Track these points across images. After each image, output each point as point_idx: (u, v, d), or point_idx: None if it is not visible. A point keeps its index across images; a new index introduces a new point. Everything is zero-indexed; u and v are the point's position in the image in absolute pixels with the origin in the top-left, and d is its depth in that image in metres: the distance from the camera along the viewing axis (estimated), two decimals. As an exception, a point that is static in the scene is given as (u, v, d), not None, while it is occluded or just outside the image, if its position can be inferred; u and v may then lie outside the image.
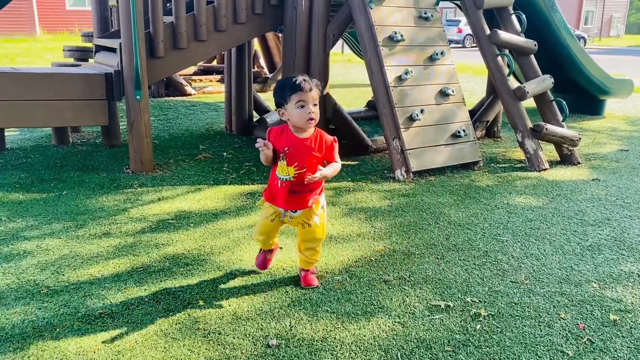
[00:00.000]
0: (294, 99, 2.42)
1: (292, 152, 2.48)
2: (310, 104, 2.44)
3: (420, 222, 3.68)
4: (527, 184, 4.63)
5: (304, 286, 2.74)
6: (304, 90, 2.41)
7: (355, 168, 5.00)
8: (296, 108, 2.42)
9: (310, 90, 2.44)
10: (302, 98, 2.42)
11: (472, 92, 9.40)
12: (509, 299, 2.66)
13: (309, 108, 2.43)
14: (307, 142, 2.52)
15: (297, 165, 2.50)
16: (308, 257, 2.76)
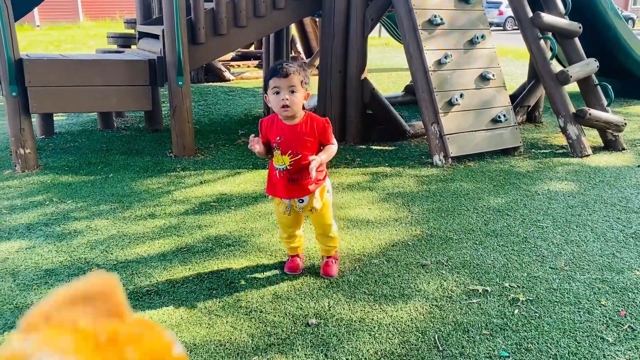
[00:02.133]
0: (270, 85, 2.38)
1: (284, 141, 2.44)
2: (286, 90, 2.36)
3: (459, 207, 3.67)
4: (569, 169, 4.55)
5: (323, 275, 2.72)
6: (279, 75, 2.34)
7: (393, 153, 5.00)
8: (272, 94, 2.38)
9: (286, 75, 2.34)
10: (276, 84, 2.36)
11: (513, 76, 9.21)
12: (548, 284, 2.65)
13: (282, 94, 2.35)
14: (298, 128, 2.45)
15: (292, 153, 2.45)
16: (324, 243, 2.74)
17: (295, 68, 2.39)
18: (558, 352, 2.13)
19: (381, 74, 10.31)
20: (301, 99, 2.42)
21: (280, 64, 2.39)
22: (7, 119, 4.32)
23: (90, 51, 12.55)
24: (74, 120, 6.29)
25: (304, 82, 2.44)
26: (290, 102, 2.37)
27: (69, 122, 6.22)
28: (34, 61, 4.27)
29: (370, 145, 5.23)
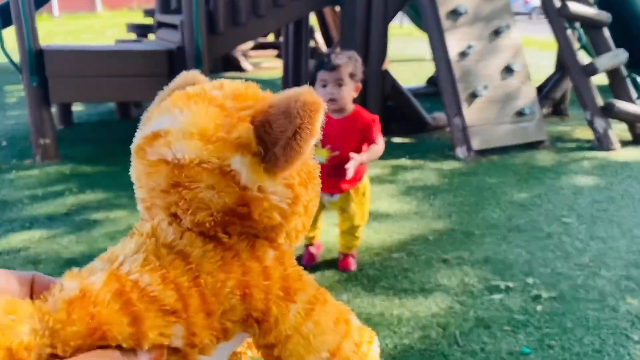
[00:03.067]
0: (318, 78, 2.32)
1: (325, 134, 2.39)
2: (333, 83, 2.28)
3: (481, 201, 3.60)
4: (595, 164, 4.43)
5: (341, 269, 2.66)
6: (326, 68, 2.28)
7: (414, 146, 4.93)
8: (319, 87, 2.31)
9: (333, 69, 2.27)
10: (323, 77, 2.30)
11: (538, 68, 9.02)
12: (572, 281, 2.58)
13: (329, 88, 2.28)
14: (342, 123, 2.37)
15: (330, 148, 2.37)
16: (347, 242, 2.67)
17: (344, 60, 2.30)
18: (581, 350, 2.07)
19: (403, 65, 10.20)
20: (350, 92, 2.34)
21: (328, 55, 2.31)
22: (27, 109, 4.36)
23: (108, 41, 12.64)
24: (93, 111, 6.33)
25: (355, 74, 2.35)
26: (337, 95, 2.29)
27: (88, 112, 6.27)
28: (54, 52, 4.29)
29: (390, 137, 5.16)
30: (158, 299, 0.40)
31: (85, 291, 0.39)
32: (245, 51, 10.42)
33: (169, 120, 0.45)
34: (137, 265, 0.42)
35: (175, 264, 0.43)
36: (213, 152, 0.43)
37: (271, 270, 0.46)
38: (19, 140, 5.02)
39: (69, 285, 0.40)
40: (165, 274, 0.41)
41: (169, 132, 0.44)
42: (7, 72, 8.40)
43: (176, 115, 0.45)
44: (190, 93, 0.46)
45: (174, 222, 0.46)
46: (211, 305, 0.43)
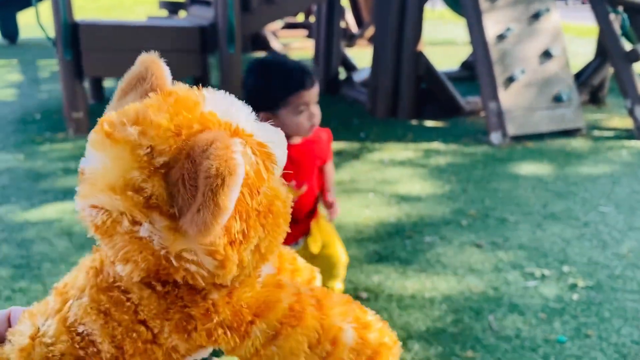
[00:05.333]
0: (292, 103, 1.67)
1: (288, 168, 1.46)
2: (313, 103, 1.72)
3: (516, 188, 3.52)
4: (634, 153, 4.30)
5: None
6: (306, 87, 1.67)
7: (447, 130, 4.85)
8: (294, 115, 1.68)
9: (313, 85, 1.70)
10: (303, 100, 1.67)
11: (575, 54, 8.78)
12: (610, 271, 2.51)
13: (311, 109, 1.70)
14: (303, 147, 1.79)
15: (297, 185, 1.78)
16: (334, 284, 2.09)
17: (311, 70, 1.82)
18: (619, 340, 2.02)
19: (435, 48, 10.03)
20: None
21: (298, 69, 1.70)
22: (61, 83, 4.40)
23: (137, 18, 12.69)
24: (126, 87, 6.36)
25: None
26: (319, 118, 1.75)
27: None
28: (88, 26, 4.31)
29: (423, 120, 5.09)
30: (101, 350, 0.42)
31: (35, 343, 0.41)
32: (275, 30, 10.36)
33: (91, 160, 0.43)
34: (82, 314, 0.43)
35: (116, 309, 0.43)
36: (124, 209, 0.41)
37: (219, 307, 0.45)
38: (52, 113, 5.09)
39: (22, 330, 0.42)
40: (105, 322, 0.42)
41: (86, 179, 0.42)
42: (40, 47, 8.52)
43: (96, 157, 0.42)
44: (108, 130, 0.42)
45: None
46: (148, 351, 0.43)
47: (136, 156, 0.41)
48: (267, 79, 1.69)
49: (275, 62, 1.72)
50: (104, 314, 0.43)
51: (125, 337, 0.43)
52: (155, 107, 0.43)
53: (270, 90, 1.67)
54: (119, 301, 0.43)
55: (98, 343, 0.42)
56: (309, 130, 1.72)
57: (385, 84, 5.07)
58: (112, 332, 0.43)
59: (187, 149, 0.41)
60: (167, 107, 0.43)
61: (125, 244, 0.41)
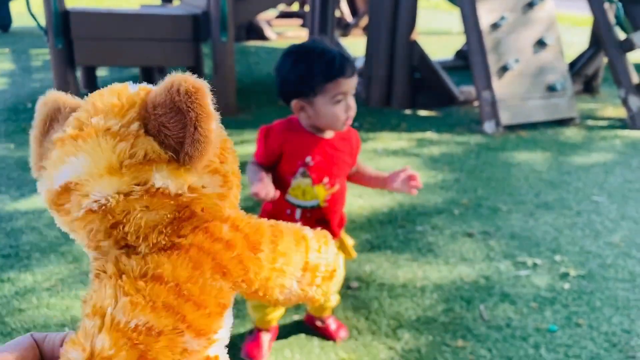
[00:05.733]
0: (329, 90, 1.54)
1: (318, 163, 1.62)
2: (351, 95, 1.60)
3: (508, 177, 3.52)
4: (628, 142, 4.30)
5: (337, 340, 1.95)
6: (346, 75, 1.55)
7: (441, 119, 4.84)
8: (331, 104, 1.55)
9: (353, 74, 1.59)
10: (342, 89, 1.55)
11: (570, 44, 8.76)
12: (602, 260, 2.51)
13: (348, 100, 1.59)
14: (335, 143, 1.66)
15: (329, 182, 1.65)
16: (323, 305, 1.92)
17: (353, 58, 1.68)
18: (609, 329, 2.02)
19: (430, 37, 9.99)
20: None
21: (340, 56, 1.57)
22: (52, 71, 4.35)
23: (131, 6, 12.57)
24: (116, 76, 6.32)
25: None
26: (354, 111, 1.63)
27: (112, 77, 6.26)
28: (80, 13, 4.26)
29: (416, 110, 5.07)
30: (162, 331, 0.43)
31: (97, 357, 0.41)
32: (270, 19, 10.29)
33: (69, 171, 0.43)
34: (128, 311, 0.43)
35: (156, 290, 0.44)
36: (131, 181, 0.43)
37: (232, 240, 0.49)
38: (44, 102, 5.04)
39: (74, 356, 0.42)
40: (153, 305, 0.43)
41: (78, 183, 0.43)
42: (33, 36, 8.44)
43: (74, 163, 0.43)
44: (73, 133, 0.44)
45: (131, 253, 0.46)
46: (203, 301, 0.45)
47: (113, 134, 0.43)
48: (307, 63, 1.55)
49: (316, 47, 1.59)
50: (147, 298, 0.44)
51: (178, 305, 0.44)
52: (97, 100, 0.46)
53: (308, 76, 1.54)
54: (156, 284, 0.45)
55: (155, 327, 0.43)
56: (344, 123, 1.60)
57: (379, 73, 5.04)
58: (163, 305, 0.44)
59: (146, 106, 0.45)
60: (106, 96, 0.46)
61: (146, 203, 0.44)
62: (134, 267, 0.45)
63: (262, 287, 0.52)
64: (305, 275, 0.56)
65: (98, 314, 0.44)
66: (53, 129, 0.48)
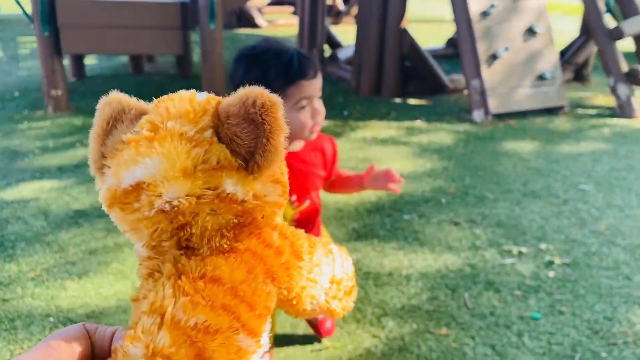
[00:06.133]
0: (291, 96, 1.40)
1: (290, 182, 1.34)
2: (317, 98, 1.46)
3: (496, 166, 3.53)
4: (616, 131, 4.32)
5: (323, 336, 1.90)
6: (308, 76, 1.41)
7: (430, 108, 4.83)
8: (295, 111, 1.42)
9: (316, 74, 1.44)
10: (305, 93, 1.41)
11: (562, 33, 8.76)
12: (587, 248, 2.53)
13: (314, 105, 1.45)
14: (304, 155, 1.55)
15: (297, 200, 1.55)
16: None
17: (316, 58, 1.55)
18: (592, 317, 2.04)
19: (421, 25, 9.95)
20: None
21: (297, 56, 1.42)
22: (39, 60, 4.31)
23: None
24: (105, 64, 6.27)
25: None
26: (323, 116, 1.49)
27: (100, 65, 6.21)
28: (66, 0, 4.21)
29: (406, 98, 5.07)
30: (219, 329, 0.44)
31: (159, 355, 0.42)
32: (261, 7, 10.22)
33: (143, 171, 0.45)
34: (188, 310, 0.44)
35: (214, 290, 0.46)
36: (203, 185, 0.45)
37: (281, 247, 0.52)
38: (31, 91, 5.00)
39: (134, 352, 0.42)
40: (212, 304, 0.45)
41: (151, 184, 0.45)
42: (21, 23, 8.34)
43: (148, 164, 0.45)
44: (148, 135, 0.46)
45: (190, 254, 0.48)
46: (255, 303, 0.48)
47: (189, 139, 0.46)
48: (261, 68, 1.39)
49: (270, 48, 1.41)
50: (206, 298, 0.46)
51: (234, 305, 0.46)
52: (170, 105, 0.48)
53: (264, 81, 1.27)
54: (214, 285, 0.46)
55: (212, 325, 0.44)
56: (311, 130, 1.46)
57: (369, 61, 5.02)
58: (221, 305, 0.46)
59: (219, 115, 0.47)
60: (177, 102, 0.48)
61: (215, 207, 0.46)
62: (193, 268, 0.47)
63: (297, 295, 0.54)
64: (332, 288, 0.59)
65: (157, 312, 0.45)
66: (116, 129, 0.50)
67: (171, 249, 0.48)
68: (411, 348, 1.85)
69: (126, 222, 0.48)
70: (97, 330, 0.47)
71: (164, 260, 0.49)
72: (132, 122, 0.50)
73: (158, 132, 0.46)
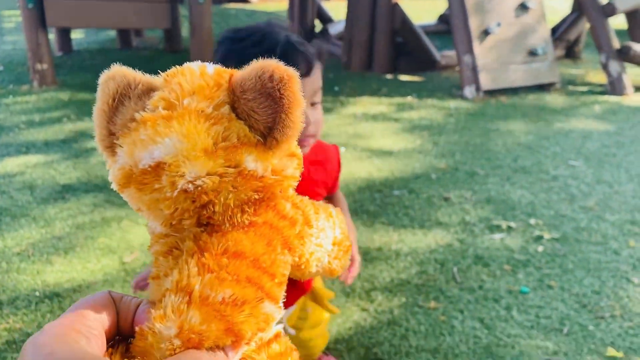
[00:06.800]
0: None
1: None
2: (310, 99, 1.16)
3: (487, 142, 3.52)
4: (607, 108, 4.31)
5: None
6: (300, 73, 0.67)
7: (421, 84, 4.80)
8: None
9: (309, 72, 1.13)
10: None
11: (554, 10, 8.71)
12: (576, 223, 2.54)
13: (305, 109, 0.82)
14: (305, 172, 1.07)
15: None
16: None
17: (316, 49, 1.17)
18: (580, 291, 2.05)
19: (413, 1, 9.85)
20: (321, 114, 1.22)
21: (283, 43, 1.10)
22: (24, 32, 4.22)
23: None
24: (92, 38, 6.15)
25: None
26: (317, 126, 1.18)
27: (88, 40, 6.09)
28: (51, -29, 4.11)
29: (397, 74, 5.03)
30: (245, 301, 0.45)
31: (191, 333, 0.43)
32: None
33: (163, 151, 0.44)
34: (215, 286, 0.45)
35: (237, 265, 0.46)
36: (225, 163, 0.45)
37: (294, 217, 0.53)
38: (16, 65, 4.90)
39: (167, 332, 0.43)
40: (237, 278, 0.46)
41: (172, 164, 0.44)
42: (4, -3, 8.16)
43: (168, 144, 0.44)
44: (165, 114, 0.45)
45: (211, 231, 0.48)
46: (275, 272, 0.49)
47: (207, 117, 0.45)
48: (238, 57, 1.09)
49: (255, 32, 1.11)
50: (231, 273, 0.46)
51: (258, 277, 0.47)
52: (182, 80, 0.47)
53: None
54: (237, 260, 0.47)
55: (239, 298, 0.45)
56: (302, 143, 1.13)
57: (359, 37, 4.96)
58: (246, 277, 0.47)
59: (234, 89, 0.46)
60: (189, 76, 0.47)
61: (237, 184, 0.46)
62: (215, 245, 0.47)
63: (306, 260, 0.55)
64: (334, 250, 0.61)
65: (184, 291, 0.45)
66: (123, 105, 0.48)
67: (192, 227, 0.48)
68: (400, 321, 1.85)
69: (143, 201, 0.47)
70: (122, 299, 0.47)
71: (183, 238, 0.48)
72: (140, 98, 0.48)
73: (175, 109, 0.45)
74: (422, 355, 1.71)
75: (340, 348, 1.74)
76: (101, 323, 0.43)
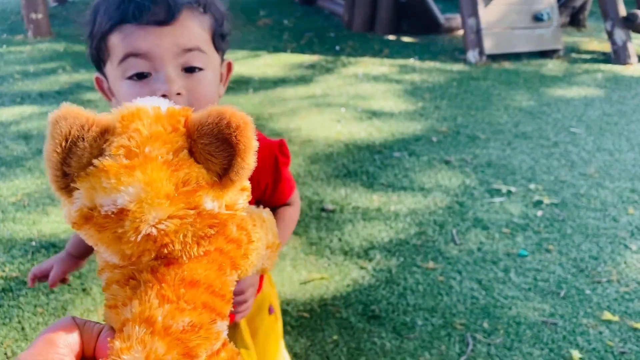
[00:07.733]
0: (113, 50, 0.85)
1: None
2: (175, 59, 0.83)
3: (489, 106, 3.48)
4: (610, 76, 4.27)
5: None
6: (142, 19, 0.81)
7: (424, 46, 4.72)
8: (121, 79, 0.84)
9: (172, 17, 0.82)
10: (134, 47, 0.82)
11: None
12: (575, 190, 2.53)
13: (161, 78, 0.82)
14: None
15: None
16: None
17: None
18: (578, 255, 2.06)
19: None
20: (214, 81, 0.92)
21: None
22: (18, -21, 4.10)
23: None
24: (90, -10, 6.00)
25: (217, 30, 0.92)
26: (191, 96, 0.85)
27: (85, -9, 5.94)
28: None
29: (400, 36, 4.94)
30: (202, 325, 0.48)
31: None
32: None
33: (127, 198, 0.45)
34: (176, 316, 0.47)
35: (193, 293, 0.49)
36: (185, 206, 0.47)
37: (240, 238, 0.56)
38: (9, 14, 4.78)
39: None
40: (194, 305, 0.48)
41: (135, 210, 0.45)
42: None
43: (131, 192, 0.45)
44: (127, 163, 0.46)
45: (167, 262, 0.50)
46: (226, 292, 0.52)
47: (167, 163, 0.46)
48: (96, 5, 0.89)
49: None
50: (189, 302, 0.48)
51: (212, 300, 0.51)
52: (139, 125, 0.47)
53: (92, 26, 0.88)
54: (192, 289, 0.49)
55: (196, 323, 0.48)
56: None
57: (363, -4, 4.86)
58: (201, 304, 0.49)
59: (191, 134, 0.48)
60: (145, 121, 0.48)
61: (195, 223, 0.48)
62: (172, 276, 0.49)
63: (246, 271, 0.59)
64: (267, 252, 0.66)
65: (148, 322, 0.47)
66: (77, 147, 0.47)
67: (148, 261, 0.50)
68: (398, 280, 1.86)
69: (102, 240, 0.49)
70: (85, 325, 0.48)
71: (139, 269, 0.50)
72: (95, 140, 0.47)
73: (136, 157, 0.46)
74: (419, 313, 1.72)
75: (338, 304, 1.75)
76: (70, 349, 0.45)
